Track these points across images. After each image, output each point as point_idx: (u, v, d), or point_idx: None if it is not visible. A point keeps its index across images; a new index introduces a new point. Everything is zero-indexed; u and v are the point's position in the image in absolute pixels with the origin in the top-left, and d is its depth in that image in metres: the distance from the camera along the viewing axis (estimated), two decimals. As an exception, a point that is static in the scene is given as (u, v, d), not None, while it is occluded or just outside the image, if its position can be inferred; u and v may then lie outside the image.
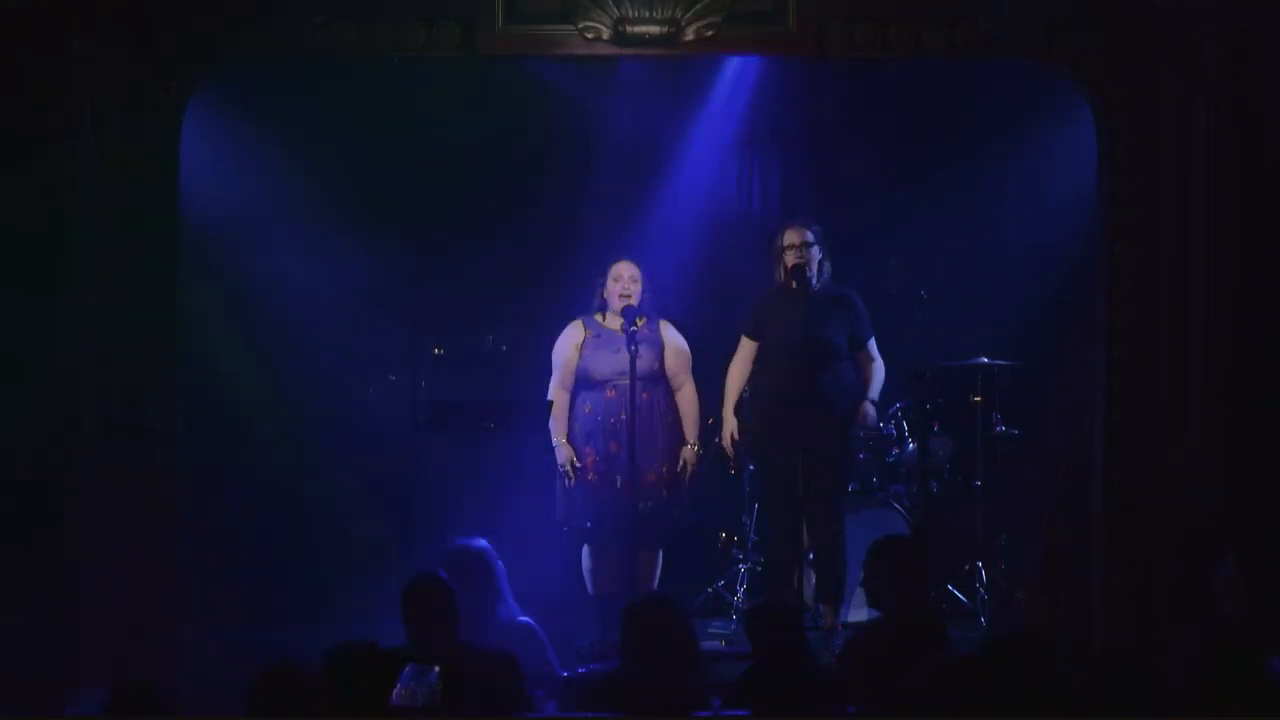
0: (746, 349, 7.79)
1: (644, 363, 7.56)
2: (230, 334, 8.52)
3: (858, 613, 7.90)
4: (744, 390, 7.87)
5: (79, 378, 6.91)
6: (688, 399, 7.84)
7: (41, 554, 6.84)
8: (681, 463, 7.77)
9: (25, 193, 6.91)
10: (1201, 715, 4.31)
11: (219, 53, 7.14)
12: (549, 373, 7.85)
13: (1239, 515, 6.93)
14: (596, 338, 7.77)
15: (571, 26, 7.17)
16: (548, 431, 7.70)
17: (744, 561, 8.44)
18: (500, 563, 6.16)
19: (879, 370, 7.78)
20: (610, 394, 7.68)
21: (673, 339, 7.85)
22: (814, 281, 7.59)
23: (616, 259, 7.81)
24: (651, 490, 7.67)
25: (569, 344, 7.80)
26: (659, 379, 7.77)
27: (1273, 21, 6.94)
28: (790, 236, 7.61)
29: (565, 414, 7.75)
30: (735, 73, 8.41)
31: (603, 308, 7.82)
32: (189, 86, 7.13)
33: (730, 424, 7.77)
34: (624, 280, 7.71)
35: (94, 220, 6.94)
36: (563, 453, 7.70)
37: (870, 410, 7.73)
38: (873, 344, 7.79)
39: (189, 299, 7.33)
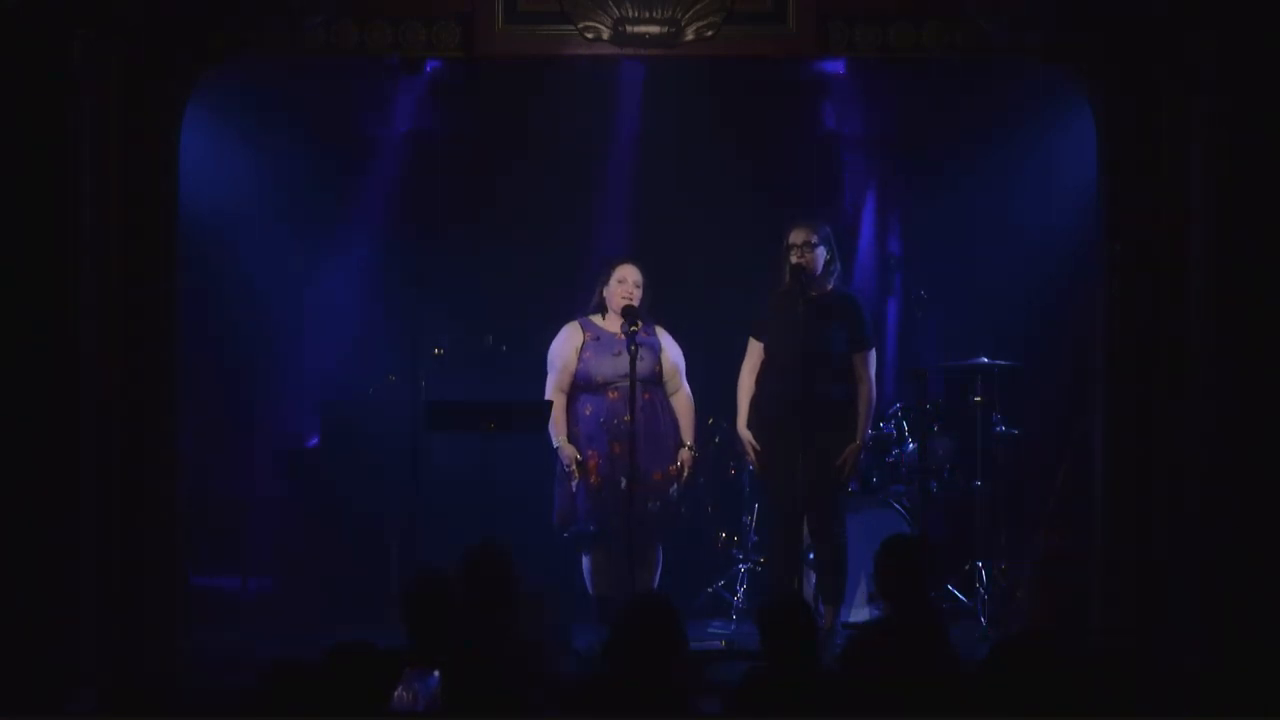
0: (755, 352, 7.67)
1: (644, 365, 7.52)
2: (229, 333, 8.53)
3: (858, 613, 7.92)
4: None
5: (79, 376, 6.91)
6: (683, 402, 7.81)
7: (40, 553, 6.83)
8: (679, 464, 7.76)
9: (25, 191, 6.90)
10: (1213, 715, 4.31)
11: (219, 53, 7.14)
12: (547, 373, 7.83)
13: (1239, 516, 6.93)
14: (596, 340, 7.72)
15: (571, 26, 7.17)
16: (548, 432, 7.69)
17: (744, 561, 8.44)
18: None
19: (870, 394, 7.53)
20: (613, 395, 7.65)
21: (667, 344, 7.82)
22: (819, 282, 7.51)
23: (622, 260, 7.75)
24: (658, 489, 7.66)
25: (568, 347, 7.74)
26: (657, 381, 7.74)
27: (1272, 21, 6.94)
28: (794, 235, 7.49)
29: (564, 416, 7.70)
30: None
31: (600, 308, 7.78)
32: (189, 86, 7.14)
33: (745, 437, 7.62)
34: (628, 284, 7.64)
35: (94, 219, 6.93)
36: (566, 453, 7.64)
37: (855, 456, 7.54)
38: (871, 357, 7.56)
39: (189, 298, 7.33)
